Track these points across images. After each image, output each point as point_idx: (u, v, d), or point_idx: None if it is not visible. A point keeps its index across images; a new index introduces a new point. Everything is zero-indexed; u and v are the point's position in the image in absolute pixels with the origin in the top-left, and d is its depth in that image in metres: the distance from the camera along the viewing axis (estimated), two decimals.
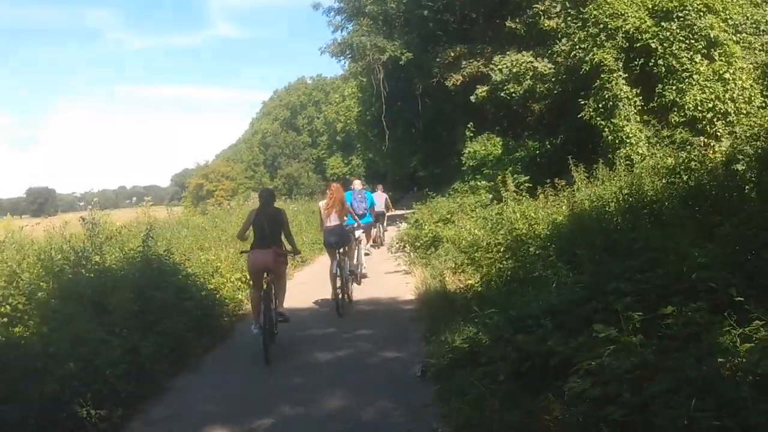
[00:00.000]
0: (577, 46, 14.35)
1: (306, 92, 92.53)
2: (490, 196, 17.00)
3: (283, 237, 8.11)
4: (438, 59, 24.63)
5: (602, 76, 13.62)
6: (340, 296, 9.85)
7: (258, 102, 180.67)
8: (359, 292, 11.47)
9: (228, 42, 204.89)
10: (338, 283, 9.87)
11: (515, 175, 15.87)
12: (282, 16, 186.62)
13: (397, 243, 14.91)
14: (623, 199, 8.59)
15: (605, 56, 13.58)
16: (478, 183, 18.20)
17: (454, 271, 10.85)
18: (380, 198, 18.09)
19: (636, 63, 13.96)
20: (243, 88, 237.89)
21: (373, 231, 16.93)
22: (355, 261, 12.01)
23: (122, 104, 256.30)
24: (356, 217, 11.76)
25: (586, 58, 13.95)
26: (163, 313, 7.58)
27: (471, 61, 22.79)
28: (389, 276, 13.51)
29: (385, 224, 18.77)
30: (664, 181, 8.92)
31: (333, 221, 10.18)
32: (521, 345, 5.00)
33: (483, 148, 20.99)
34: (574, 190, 10.86)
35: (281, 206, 10.73)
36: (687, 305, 4.59)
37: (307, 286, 13.10)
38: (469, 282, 10.24)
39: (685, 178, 8.58)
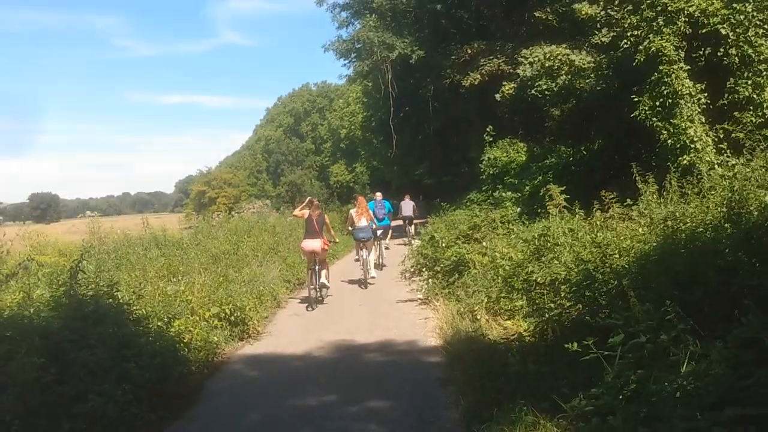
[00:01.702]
0: (628, 33, 12.00)
1: (310, 99, 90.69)
2: (518, 209, 14.68)
3: (324, 231, 12.07)
4: (453, 57, 22.38)
5: (660, 68, 11.28)
6: (363, 277, 13.75)
7: (262, 109, 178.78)
8: (368, 333, 9.17)
9: (234, 50, 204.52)
10: (364, 266, 13.88)
11: (546, 187, 13.51)
12: (288, 23, 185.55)
13: (411, 266, 12.58)
14: (731, 224, 6.25)
15: (664, 44, 11.23)
16: (503, 194, 15.86)
17: (488, 308, 8.55)
18: (408, 205, 21.64)
19: (701, 53, 11.62)
20: (248, 96, 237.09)
21: (410, 229, 21.65)
22: (377, 253, 16.39)
23: (129, 111, 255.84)
24: (374, 221, 15.22)
25: (640, 47, 11.60)
26: (92, 382, 5.28)
27: (490, 58, 20.52)
28: (403, 306, 11.22)
29: (412, 226, 21.94)
30: None
31: (362, 223, 14.15)
32: None
33: (504, 154, 18.68)
34: (643, 208, 8.53)
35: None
36: None
37: (302, 318, 10.85)
38: (510, 325, 7.96)
39: None
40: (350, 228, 14.70)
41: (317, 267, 11.71)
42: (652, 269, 6.06)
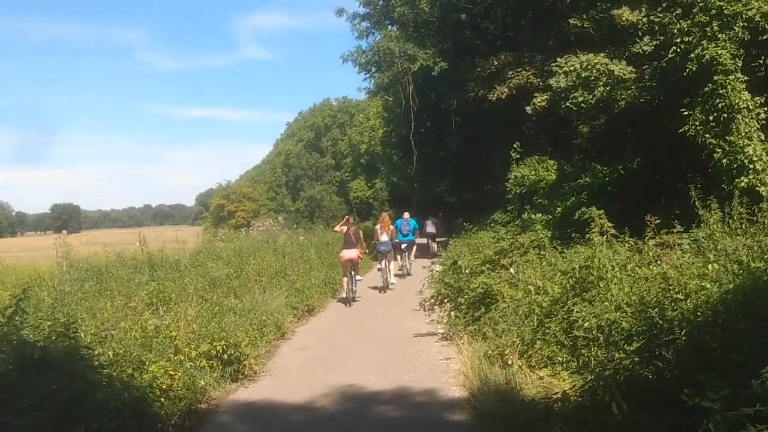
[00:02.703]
0: (677, 40, 10.76)
1: (331, 114, 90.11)
2: (549, 233, 13.38)
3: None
4: (478, 69, 21.21)
5: (715, 78, 10.03)
6: (384, 284, 16.12)
7: (283, 123, 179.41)
8: (380, 376, 7.95)
9: (256, 64, 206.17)
10: (384, 275, 16.23)
11: (581, 209, 12.25)
12: (310, 38, 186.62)
13: (432, 296, 11.34)
14: None
15: (720, 52, 9.99)
16: (532, 216, 14.58)
17: (521, 353, 7.31)
18: (431, 223, 24.75)
19: (761, 62, 10.36)
20: (269, 110, 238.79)
21: (432, 245, 24.44)
22: (400, 264, 19.02)
23: (150, 123, 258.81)
24: (395, 236, 17.78)
25: (692, 56, 10.36)
26: None
27: (518, 70, 19.32)
28: (420, 342, 10.01)
29: (435, 243, 24.53)
30: None
31: (384, 238, 16.65)
32: None
33: (533, 172, 17.43)
34: (704, 237, 7.28)
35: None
36: None
37: (308, 353, 9.67)
38: (548, 375, 6.72)
39: None
40: (374, 242, 17.58)
41: (352, 272, 14.26)
42: (733, 319, 4.81)
